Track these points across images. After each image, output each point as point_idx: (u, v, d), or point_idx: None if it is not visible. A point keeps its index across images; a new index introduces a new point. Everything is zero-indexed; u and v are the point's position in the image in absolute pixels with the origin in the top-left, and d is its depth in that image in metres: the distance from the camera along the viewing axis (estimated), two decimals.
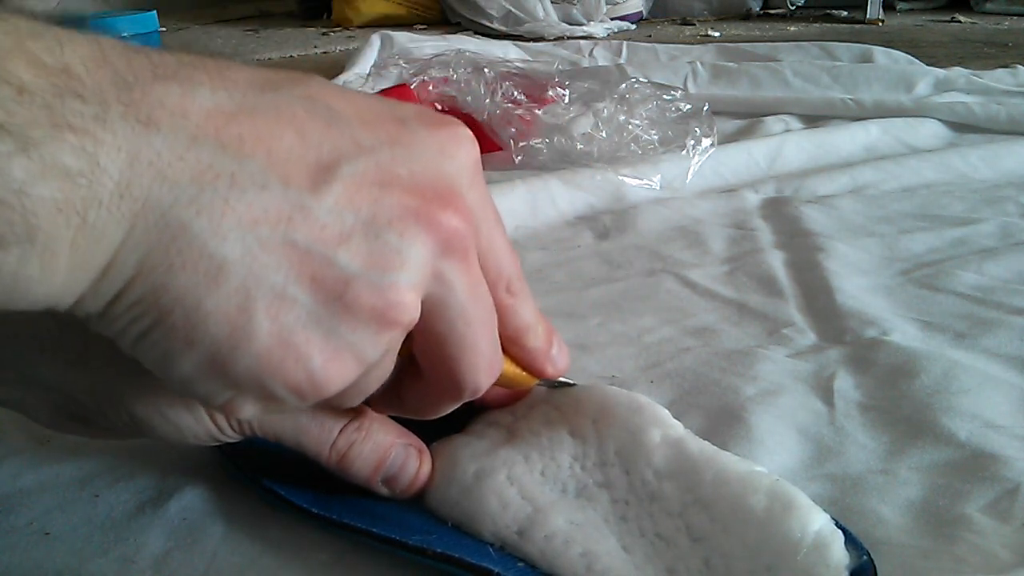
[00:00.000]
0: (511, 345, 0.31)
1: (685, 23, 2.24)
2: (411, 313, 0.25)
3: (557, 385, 0.35)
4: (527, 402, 0.35)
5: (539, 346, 0.31)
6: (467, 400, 0.29)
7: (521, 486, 0.32)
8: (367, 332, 0.24)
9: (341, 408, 0.30)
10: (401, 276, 0.24)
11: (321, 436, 0.32)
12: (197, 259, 0.22)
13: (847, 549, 0.28)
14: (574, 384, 0.35)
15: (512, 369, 0.31)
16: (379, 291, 0.24)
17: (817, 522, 0.28)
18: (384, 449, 0.32)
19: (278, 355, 0.23)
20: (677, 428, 0.32)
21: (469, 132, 0.28)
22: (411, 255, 0.24)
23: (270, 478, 0.35)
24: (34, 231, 0.20)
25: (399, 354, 0.27)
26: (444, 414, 0.30)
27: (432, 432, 0.34)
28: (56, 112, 0.20)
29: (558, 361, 0.32)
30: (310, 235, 0.23)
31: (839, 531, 0.29)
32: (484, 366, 0.28)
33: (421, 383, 0.29)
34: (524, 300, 0.30)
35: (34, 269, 0.20)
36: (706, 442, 0.32)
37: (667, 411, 0.33)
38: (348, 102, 0.25)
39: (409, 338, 0.26)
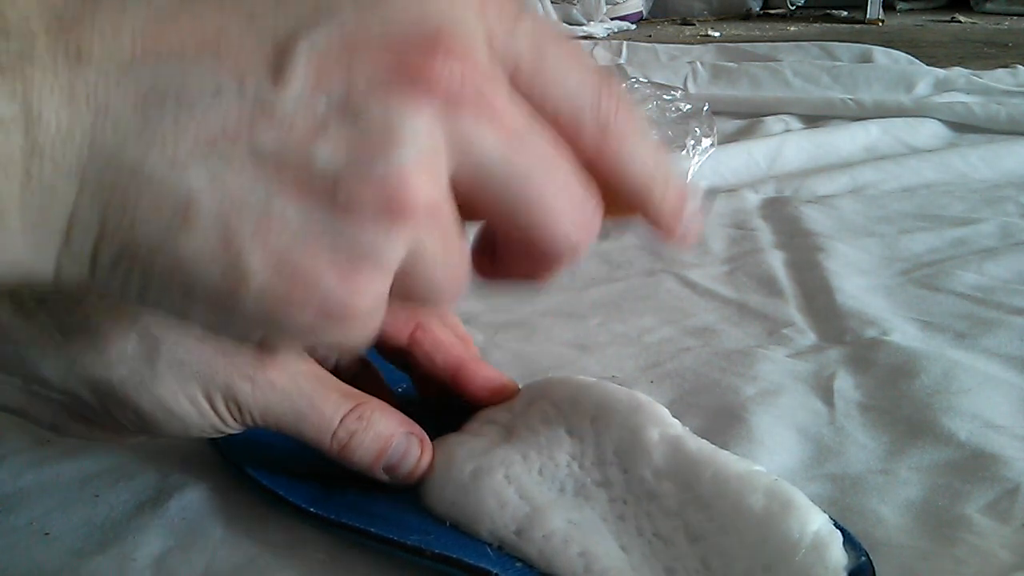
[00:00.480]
0: (630, 203, 0.25)
1: (685, 23, 2.24)
2: (424, 194, 0.20)
3: None
4: (525, 400, 0.35)
5: (661, 205, 0.25)
6: (573, 260, 0.24)
7: (519, 485, 0.32)
8: (377, 231, 0.20)
9: (443, 307, 0.25)
10: (398, 155, 0.20)
11: (322, 425, 0.31)
12: (159, 200, 0.19)
13: (846, 550, 0.28)
14: None
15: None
16: (376, 180, 0.20)
17: (816, 522, 0.28)
18: (385, 439, 0.32)
19: (283, 284, 0.20)
20: (676, 427, 0.32)
21: None
22: (405, 127, 0.20)
23: (269, 477, 0.35)
24: None
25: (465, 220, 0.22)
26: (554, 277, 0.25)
27: (430, 430, 0.34)
28: None
29: (689, 224, 0.26)
30: (279, 137, 0.19)
31: (838, 531, 0.29)
32: (570, 224, 0.23)
33: (511, 257, 0.24)
34: (632, 145, 0.23)
35: None
36: (705, 441, 0.32)
37: (666, 410, 0.33)
38: None
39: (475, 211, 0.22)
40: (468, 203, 0.22)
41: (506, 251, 0.24)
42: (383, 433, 0.32)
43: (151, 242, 0.19)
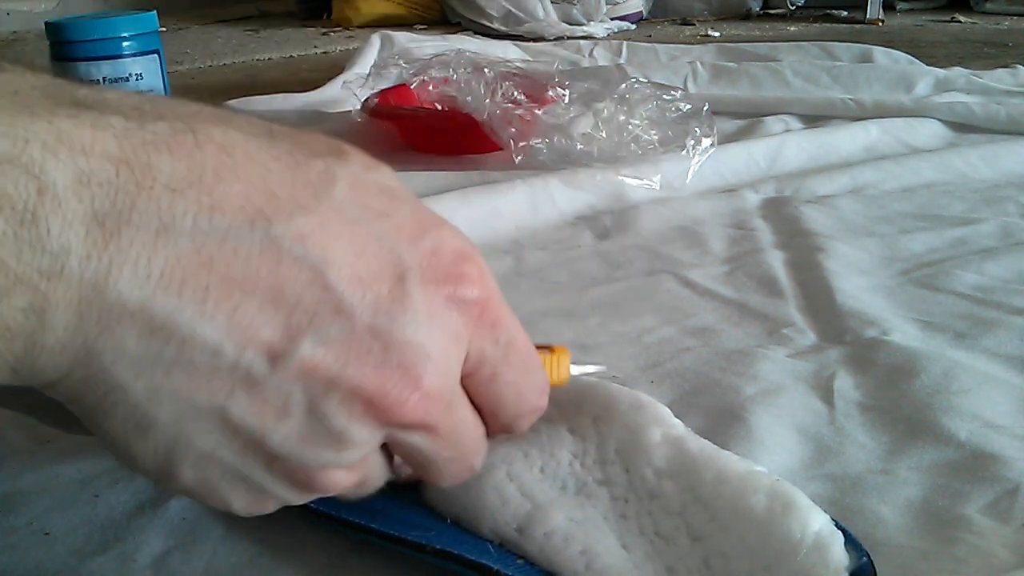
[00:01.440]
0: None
1: (685, 23, 2.24)
2: (340, 486, 0.25)
3: None
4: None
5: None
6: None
7: (520, 483, 0.32)
8: (291, 493, 0.25)
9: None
10: (335, 459, 0.24)
11: None
12: (128, 414, 0.22)
13: (847, 550, 0.28)
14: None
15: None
16: (307, 471, 0.24)
17: (817, 522, 0.28)
18: None
19: (202, 495, 0.24)
20: (678, 427, 0.32)
21: (476, 286, 0.25)
22: (353, 441, 0.23)
23: None
24: None
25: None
26: None
27: None
28: (10, 269, 0.19)
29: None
30: (248, 409, 0.22)
31: (839, 532, 0.29)
32: (456, 477, 0.28)
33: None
34: (527, 423, 0.29)
35: None
36: (706, 441, 0.32)
37: (668, 410, 0.33)
38: (349, 241, 0.23)
39: None
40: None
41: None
42: None
43: (108, 432, 0.23)
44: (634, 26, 2.17)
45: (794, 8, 2.34)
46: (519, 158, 0.81)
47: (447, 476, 0.27)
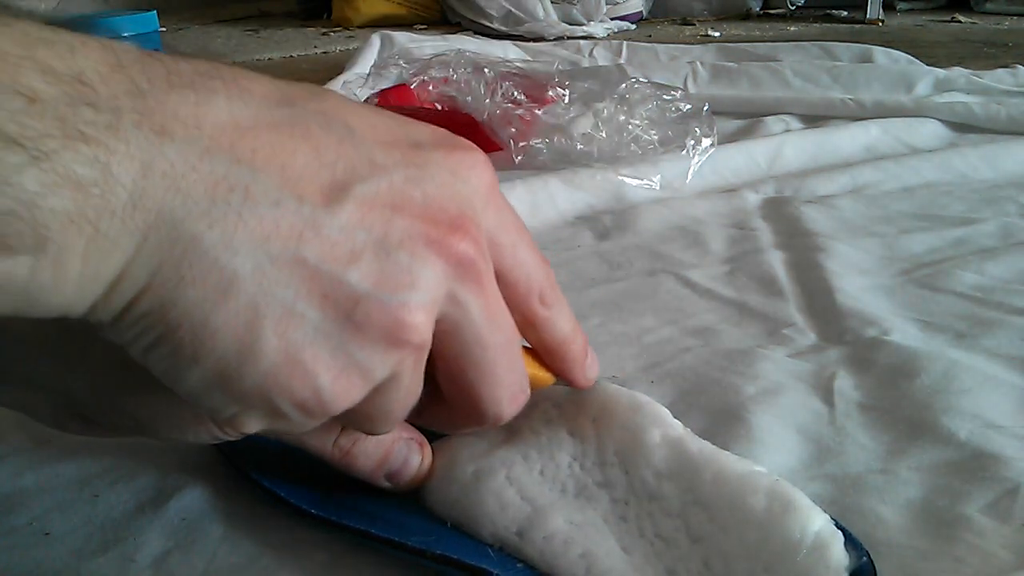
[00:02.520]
0: (547, 355, 0.31)
1: (685, 23, 2.24)
2: (421, 333, 0.24)
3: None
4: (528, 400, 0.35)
5: (575, 358, 0.31)
6: (492, 427, 0.30)
7: (520, 486, 0.32)
8: (375, 351, 0.24)
9: (375, 435, 0.30)
10: (412, 296, 0.24)
11: (324, 433, 0.31)
12: (207, 273, 0.22)
13: (847, 550, 0.28)
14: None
15: (532, 371, 0.31)
16: (389, 310, 0.24)
17: (817, 523, 0.28)
18: (387, 445, 0.32)
19: (285, 372, 0.23)
20: (677, 428, 0.32)
21: (483, 155, 0.28)
22: (422, 276, 0.24)
23: (270, 478, 0.35)
24: (45, 241, 0.20)
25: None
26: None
27: (430, 435, 0.33)
28: (68, 123, 0.20)
29: (591, 371, 0.32)
30: (321, 252, 0.23)
31: (839, 532, 0.29)
32: (506, 395, 0.28)
33: (445, 408, 0.29)
34: (560, 311, 0.30)
35: (45, 279, 0.20)
36: (706, 442, 0.32)
37: (667, 411, 0.33)
38: (364, 120, 0.25)
39: (431, 363, 0.26)
40: (433, 351, 0.26)
41: (439, 406, 0.29)
42: (384, 440, 0.32)
43: (187, 306, 0.22)
44: (634, 26, 2.17)
45: (794, 8, 2.34)
46: (519, 158, 0.81)
47: (502, 380, 0.27)
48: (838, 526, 0.29)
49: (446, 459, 0.33)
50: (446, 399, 0.28)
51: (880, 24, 2.09)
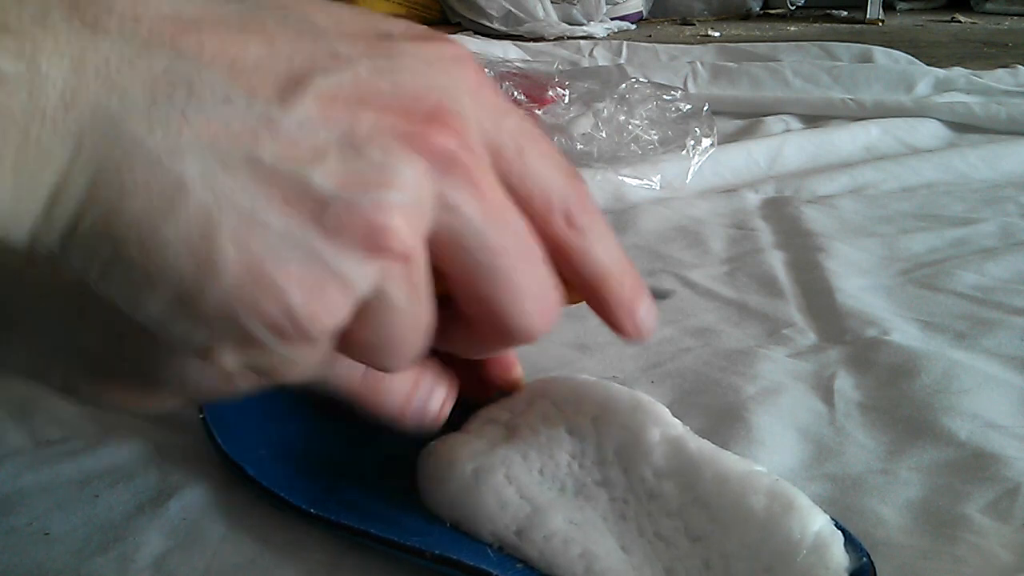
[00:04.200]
0: (584, 293, 0.26)
1: (685, 23, 2.24)
2: (402, 239, 0.21)
3: None
4: (525, 398, 0.35)
5: (618, 299, 0.26)
6: (525, 343, 0.25)
7: (519, 485, 0.32)
8: (352, 258, 0.21)
9: (389, 372, 0.25)
10: (388, 195, 0.21)
11: (351, 371, 0.28)
12: (151, 179, 0.19)
13: (847, 550, 0.28)
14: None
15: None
16: (361, 211, 0.21)
17: (817, 523, 0.28)
18: (413, 379, 0.29)
19: (250, 288, 0.20)
20: (676, 427, 0.32)
21: (466, 50, 0.24)
22: (398, 174, 0.21)
23: (269, 477, 0.35)
24: None
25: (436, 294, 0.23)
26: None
27: (429, 432, 0.33)
28: None
29: (643, 321, 0.27)
30: (278, 152, 0.20)
31: (839, 532, 0.28)
32: (533, 306, 0.24)
33: (471, 331, 0.25)
34: (595, 236, 0.25)
35: None
36: (705, 441, 0.32)
37: (667, 409, 0.33)
38: (327, 13, 0.23)
39: (447, 283, 0.23)
40: (440, 267, 0.23)
41: (459, 323, 0.25)
42: (409, 374, 0.29)
43: (133, 218, 0.20)
44: (634, 26, 2.17)
45: (794, 8, 2.34)
46: None
47: (524, 288, 0.23)
48: (838, 526, 0.29)
49: (445, 458, 0.33)
50: (471, 322, 0.25)
51: (880, 24, 2.09)
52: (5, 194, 0.19)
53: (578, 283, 0.26)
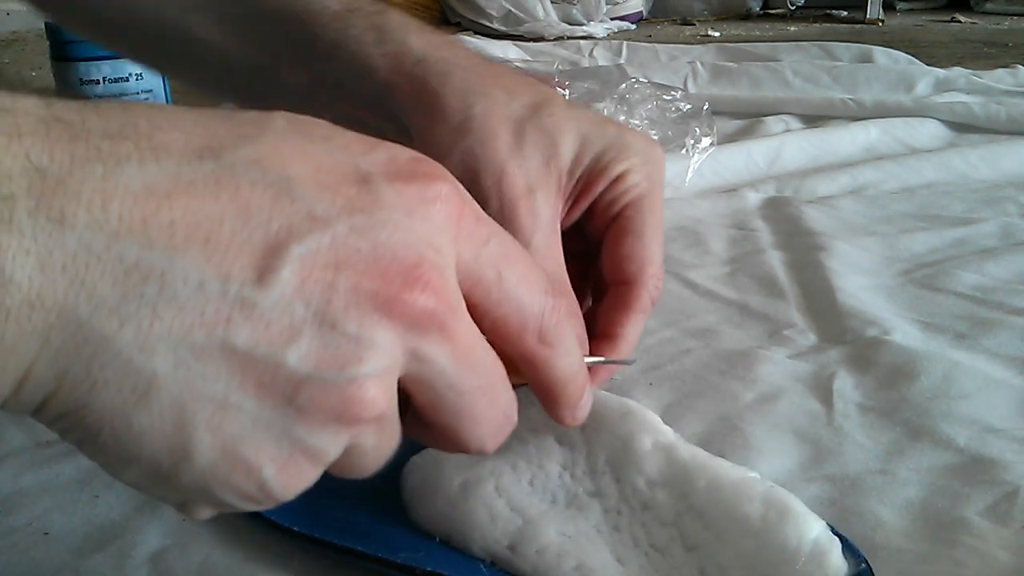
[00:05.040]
0: (539, 393, 0.28)
1: (685, 23, 2.24)
2: (376, 406, 0.22)
3: None
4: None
5: (568, 401, 0.28)
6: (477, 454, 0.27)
7: (510, 497, 0.31)
8: (325, 433, 0.22)
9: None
10: (362, 369, 0.21)
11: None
12: (123, 376, 0.19)
13: (845, 556, 0.28)
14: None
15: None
16: (336, 390, 0.21)
17: (814, 529, 0.28)
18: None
19: (225, 468, 0.21)
20: (668, 434, 0.32)
21: (448, 180, 0.24)
22: (373, 344, 0.21)
23: None
24: None
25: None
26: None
27: (413, 446, 0.33)
28: None
29: (580, 413, 0.29)
30: (253, 336, 0.20)
31: (836, 539, 0.28)
32: (487, 431, 0.25)
33: (430, 433, 0.26)
34: (561, 349, 0.27)
35: None
36: (698, 448, 0.31)
37: (657, 416, 0.33)
38: (305, 160, 0.22)
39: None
40: (408, 394, 0.24)
41: (425, 428, 0.26)
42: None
43: (104, 411, 0.20)
44: (634, 26, 2.17)
45: (794, 8, 2.34)
46: None
47: (482, 420, 0.25)
48: (835, 532, 0.29)
49: (432, 471, 0.32)
50: (431, 430, 0.26)
51: (880, 24, 2.09)
52: None
53: (537, 386, 0.28)
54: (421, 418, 0.25)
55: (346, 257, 0.21)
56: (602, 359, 0.34)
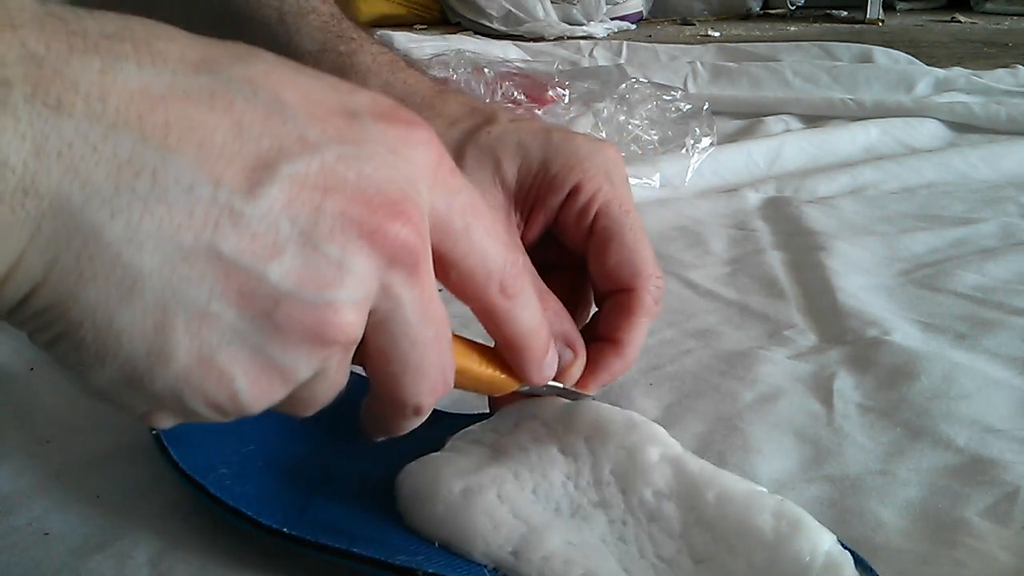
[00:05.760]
0: (504, 348, 0.29)
1: (685, 23, 2.24)
2: (350, 332, 0.22)
3: (544, 392, 0.33)
4: (511, 419, 0.33)
5: (533, 356, 0.29)
6: (411, 419, 0.27)
7: (512, 504, 0.30)
8: (299, 352, 0.22)
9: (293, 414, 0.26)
10: (340, 293, 0.22)
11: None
12: (110, 269, 0.20)
13: (857, 571, 0.27)
14: (564, 388, 0.33)
15: (491, 373, 0.30)
16: (314, 310, 0.22)
17: (826, 543, 0.28)
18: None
19: (198, 374, 0.21)
20: (675, 447, 0.31)
21: (428, 130, 0.25)
22: (352, 270, 0.22)
23: (235, 494, 0.33)
24: None
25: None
26: (390, 436, 0.28)
27: (408, 452, 0.32)
28: None
29: (547, 368, 0.30)
30: (239, 245, 0.21)
31: (848, 552, 0.28)
32: (427, 387, 0.26)
33: (367, 396, 0.27)
34: (523, 302, 0.28)
35: None
36: (704, 461, 0.31)
37: (663, 429, 0.32)
38: (295, 88, 0.23)
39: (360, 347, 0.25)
40: (365, 335, 0.24)
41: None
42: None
43: (88, 304, 0.20)
44: (634, 26, 2.17)
45: (794, 8, 2.34)
46: None
47: (426, 374, 0.25)
48: (844, 547, 0.28)
49: (429, 477, 0.31)
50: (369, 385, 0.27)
51: (880, 24, 2.09)
52: None
53: (499, 340, 0.28)
54: (367, 371, 0.25)
55: (334, 183, 0.22)
56: (559, 386, 0.33)
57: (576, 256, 0.36)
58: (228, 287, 0.21)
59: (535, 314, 0.28)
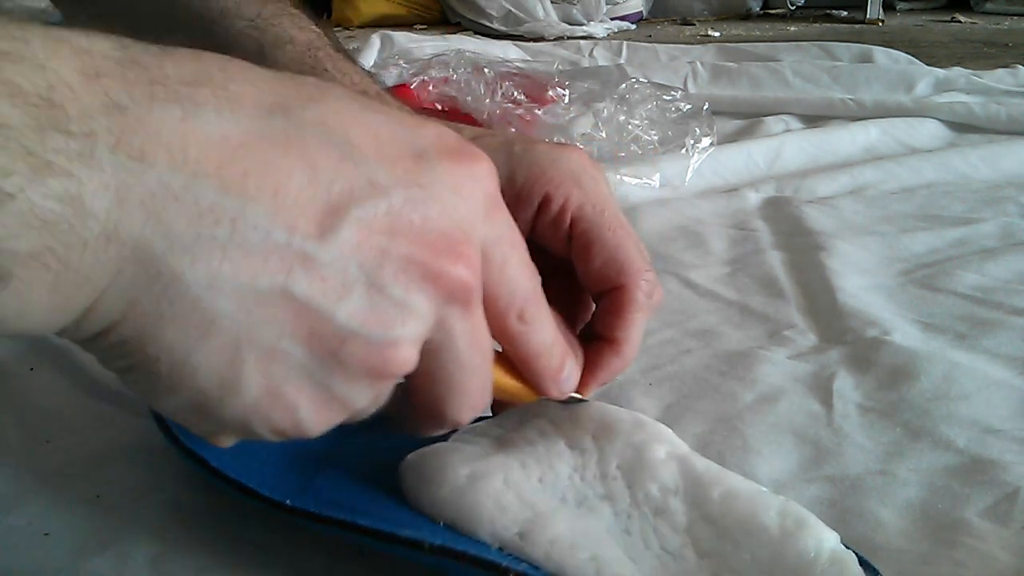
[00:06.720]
0: (519, 365, 0.30)
1: (685, 23, 2.24)
2: (408, 367, 0.24)
3: (567, 401, 0.33)
4: (516, 416, 0.34)
5: (546, 373, 0.30)
6: (443, 429, 0.29)
7: (519, 491, 0.30)
8: (360, 385, 0.23)
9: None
10: (402, 332, 0.23)
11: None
12: (189, 312, 0.21)
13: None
14: (583, 400, 0.33)
15: (514, 384, 0.30)
16: (377, 349, 0.23)
17: (831, 540, 0.28)
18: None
19: (266, 405, 0.23)
20: (682, 446, 0.32)
21: (488, 163, 0.26)
22: (414, 310, 0.23)
23: (239, 469, 0.32)
24: (7, 277, 0.18)
25: None
26: (413, 436, 0.30)
27: (413, 439, 0.31)
28: (35, 154, 0.18)
29: (564, 383, 0.31)
30: (310, 287, 0.22)
31: (851, 551, 0.28)
32: (469, 406, 0.27)
33: (405, 404, 0.28)
34: (538, 327, 0.29)
35: (8, 310, 0.19)
36: (711, 461, 0.31)
37: (669, 430, 0.33)
38: (366, 128, 0.24)
39: None
40: None
41: (400, 402, 0.27)
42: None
43: (166, 343, 0.21)
44: (634, 26, 2.17)
45: (794, 8, 2.34)
46: None
47: (469, 396, 0.26)
48: (848, 548, 0.28)
49: (435, 463, 0.32)
50: (409, 397, 0.27)
51: (880, 24, 2.09)
52: (39, 309, 0.19)
53: (515, 359, 0.29)
54: (411, 388, 0.26)
55: (400, 226, 0.23)
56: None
57: (560, 261, 0.36)
58: (298, 327, 0.22)
59: (549, 334, 0.29)
